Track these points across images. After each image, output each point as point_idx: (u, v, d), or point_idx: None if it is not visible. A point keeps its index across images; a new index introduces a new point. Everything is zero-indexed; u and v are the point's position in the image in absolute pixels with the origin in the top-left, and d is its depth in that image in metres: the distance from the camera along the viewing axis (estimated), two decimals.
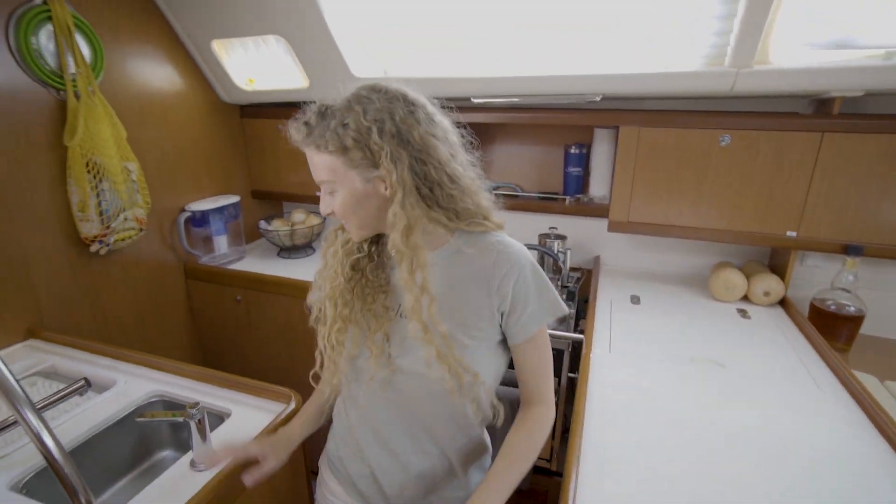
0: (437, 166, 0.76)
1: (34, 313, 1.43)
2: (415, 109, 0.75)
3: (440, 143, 0.77)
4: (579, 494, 0.86)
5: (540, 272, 0.85)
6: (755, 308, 1.64)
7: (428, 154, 0.75)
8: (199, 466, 0.94)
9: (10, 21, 1.30)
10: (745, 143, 1.50)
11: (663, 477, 0.91)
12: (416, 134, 0.74)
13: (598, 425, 1.05)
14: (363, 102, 0.73)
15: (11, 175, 1.34)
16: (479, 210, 0.85)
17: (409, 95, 0.77)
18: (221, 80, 1.97)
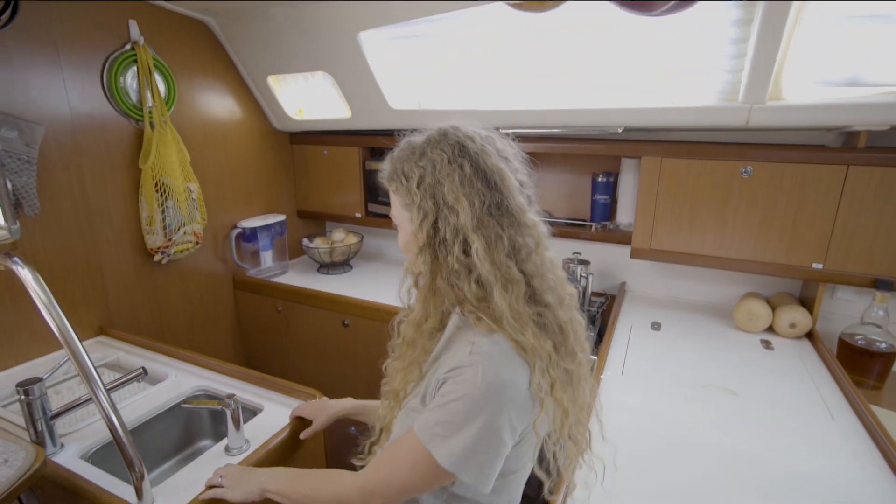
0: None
1: (105, 313, 1.65)
2: (463, 164, 0.68)
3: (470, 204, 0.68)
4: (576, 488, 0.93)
5: (481, 407, 0.64)
6: (780, 340, 1.64)
7: (453, 212, 0.68)
8: (233, 451, 1.07)
9: (105, 63, 1.56)
10: (768, 175, 1.54)
11: (655, 497, 0.96)
12: (447, 191, 0.68)
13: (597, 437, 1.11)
14: (426, 146, 0.72)
15: (97, 192, 1.58)
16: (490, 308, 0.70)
17: (470, 147, 0.69)
18: (275, 111, 2.20)
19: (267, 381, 1.30)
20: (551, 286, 0.71)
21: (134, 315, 1.74)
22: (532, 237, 0.70)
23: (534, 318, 0.68)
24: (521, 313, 0.67)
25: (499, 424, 0.64)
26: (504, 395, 0.65)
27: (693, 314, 1.84)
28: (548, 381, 0.67)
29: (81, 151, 1.52)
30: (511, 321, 0.66)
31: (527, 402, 0.67)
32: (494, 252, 0.67)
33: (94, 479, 0.97)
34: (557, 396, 0.68)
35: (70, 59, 1.47)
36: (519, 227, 0.69)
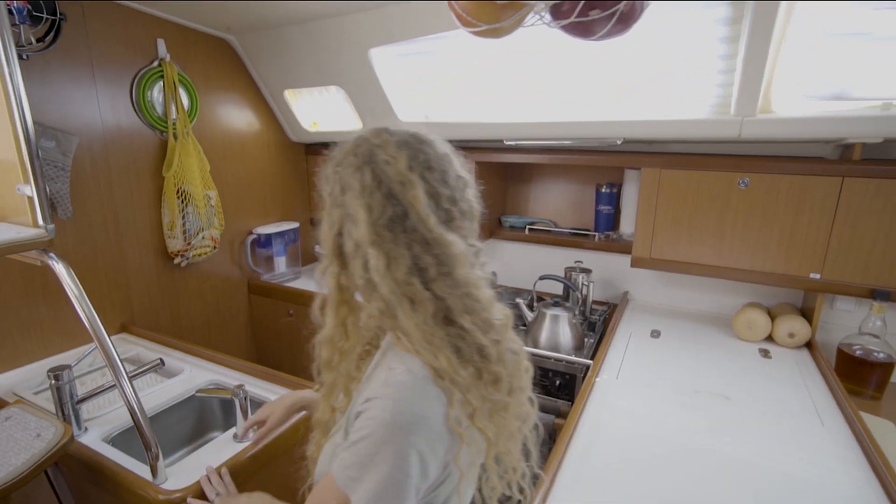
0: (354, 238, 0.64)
1: (128, 312, 1.77)
2: (366, 173, 0.63)
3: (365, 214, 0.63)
4: (552, 495, 0.99)
5: (386, 446, 0.60)
6: (779, 349, 1.67)
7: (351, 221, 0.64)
8: (241, 437, 1.16)
9: (134, 79, 1.70)
10: (765, 186, 1.59)
11: (635, 493, 1.01)
12: (349, 200, 0.64)
13: (586, 441, 1.17)
14: (344, 152, 0.68)
15: (123, 198, 1.71)
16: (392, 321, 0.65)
17: (377, 156, 0.64)
18: (290, 123, 2.33)
19: (272, 376, 1.39)
20: (470, 308, 0.64)
21: (154, 314, 1.86)
22: (446, 255, 0.63)
23: (449, 341, 0.63)
24: (432, 335, 0.62)
25: (407, 464, 0.60)
26: (412, 433, 0.60)
27: (693, 323, 1.88)
28: (468, 412, 0.63)
29: (110, 160, 1.66)
30: (423, 343, 0.62)
31: (442, 436, 0.62)
32: (394, 268, 0.61)
33: (115, 458, 1.07)
34: (480, 426, 0.64)
35: (103, 76, 1.61)
36: (426, 243, 0.62)
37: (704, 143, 1.77)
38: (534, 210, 2.36)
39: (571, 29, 0.54)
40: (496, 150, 2.03)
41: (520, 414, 0.71)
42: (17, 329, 1.48)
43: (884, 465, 1.05)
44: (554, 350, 1.70)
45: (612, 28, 0.52)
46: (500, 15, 0.54)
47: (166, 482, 1.01)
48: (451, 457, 0.64)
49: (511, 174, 2.36)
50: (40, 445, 0.92)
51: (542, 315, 1.75)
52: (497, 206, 2.35)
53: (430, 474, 0.62)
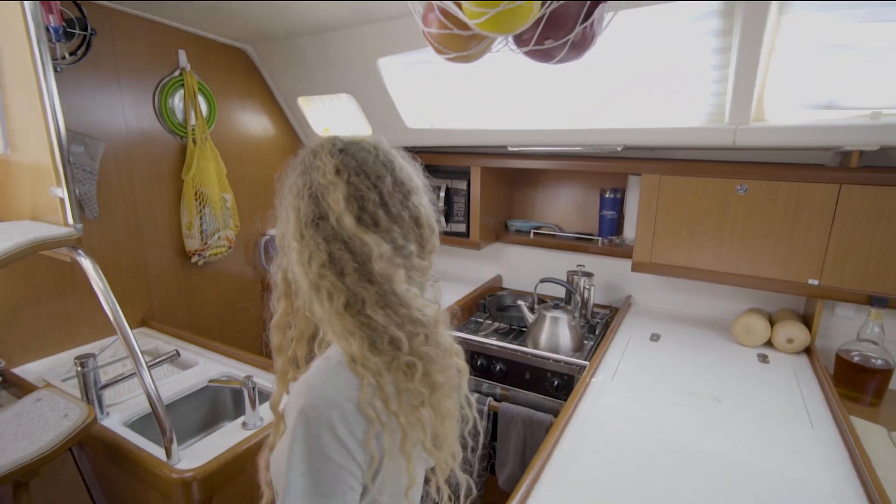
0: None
1: (148, 307, 1.89)
2: (298, 178, 0.72)
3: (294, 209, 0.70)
4: (540, 482, 1.05)
5: (299, 438, 0.64)
6: (777, 354, 1.70)
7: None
8: (248, 426, 1.25)
9: (156, 88, 1.82)
10: (763, 193, 1.62)
11: (619, 489, 1.07)
12: (287, 200, 0.72)
13: (575, 437, 1.22)
14: (299, 159, 0.76)
15: (145, 200, 1.83)
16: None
17: (308, 163, 0.72)
18: (304, 128, 2.44)
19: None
20: (385, 302, 0.68)
21: (172, 310, 1.98)
22: (362, 253, 0.68)
23: (362, 331, 0.67)
24: (343, 324, 0.67)
25: (322, 444, 0.63)
26: (322, 415, 0.64)
27: (694, 327, 1.92)
28: (381, 397, 0.67)
29: (134, 164, 1.78)
30: (337, 330, 0.68)
31: (358, 419, 0.65)
32: (312, 262, 0.68)
33: (134, 440, 1.17)
34: (394, 410, 0.68)
35: (128, 85, 1.73)
36: (343, 241, 0.68)
37: (705, 150, 1.81)
38: (540, 214, 2.42)
39: (533, 55, 0.61)
40: (501, 155, 2.10)
41: (442, 410, 0.73)
42: (48, 321, 1.60)
43: (865, 466, 1.09)
44: (553, 351, 1.76)
45: (566, 54, 0.59)
46: (466, 44, 0.61)
47: (179, 463, 1.10)
48: (375, 438, 0.67)
49: (517, 179, 2.42)
50: (67, 424, 1.02)
51: (542, 317, 1.81)
52: (503, 211, 2.41)
53: (357, 455, 0.65)
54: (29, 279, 1.54)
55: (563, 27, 0.54)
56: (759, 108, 1.41)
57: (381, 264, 0.67)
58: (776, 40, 1.27)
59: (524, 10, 0.50)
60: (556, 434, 1.21)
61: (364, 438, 0.65)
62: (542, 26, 0.55)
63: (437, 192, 2.21)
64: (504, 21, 0.52)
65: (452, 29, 0.58)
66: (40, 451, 0.96)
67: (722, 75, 1.38)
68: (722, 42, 1.32)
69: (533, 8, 0.52)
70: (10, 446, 0.97)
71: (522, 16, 0.51)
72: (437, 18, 0.59)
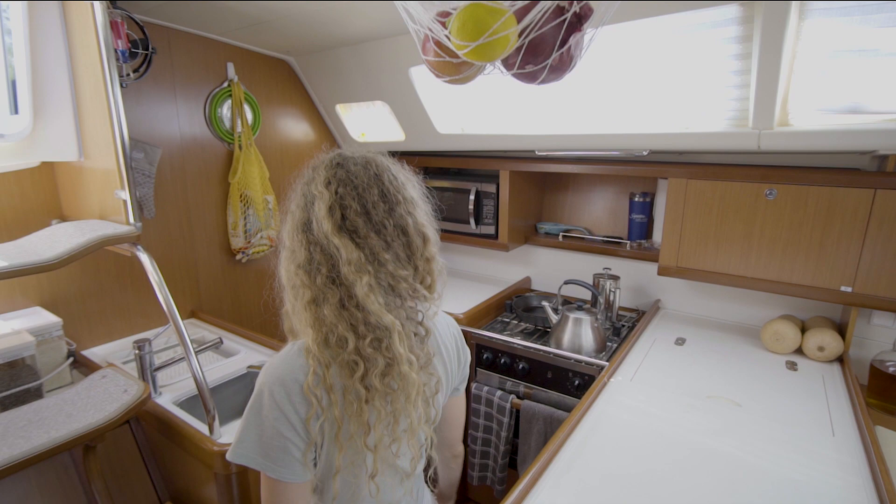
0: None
1: (196, 299, 2.07)
2: (298, 187, 0.84)
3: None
4: (546, 473, 1.12)
5: (254, 408, 0.76)
6: (807, 362, 1.68)
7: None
8: None
9: (207, 98, 2.00)
10: (792, 197, 1.62)
11: (620, 479, 1.12)
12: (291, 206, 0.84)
13: (587, 431, 1.28)
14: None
15: (196, 201, 2.01)
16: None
17: (305, 175, 0.84)
18: (342, 134, 2.59)
19: None
20: (344, 303, 0.75)
21: (218, 302, 2.16)
22: (334, 256, 0.75)
23: (318, 326, 0.75)
24: (305, 317, 0.76)
25: (261, 405, 0.74)
26: (271, 388, 0.73)
27: (722, 333, 1.92)
28: (325, 387, 0.74)
29: (186, 168, 1.97)
30: (300, 321, 0.77)
31: (303, 399, 0.73)
32: (290, 261, 0.79)
33: (182, 417, 1.32)
34: (333, 401, 0.75)
35: (183, 96, 1.92)
36: (321, 246, 0.76)
37: (732, 154, 1.82)
38: (570, 218, 2.46)
39: (518, 77, 0.69)
40: (529, 159, 2.16)
41: (385, 414, 0.78)
42: (111, 310, 1.80)
43: (882, 474, 1.09)
44: (576, 352, 1.81)
45: (547, 76, 0.66)
46: (458, 69, 0.70)
47: (221, 438, 1.24)
48: (316, 421, 0.74)
49: (549, 183, 2.48)
50: (127, 398, 1.18)
51: (565, 318, 1.86)
52: (533, 214, 2.47)
53: (300, 432, 0.74)
54: (96, 273, 1.74)
55: (542, 53, 0.62)
56: (783, 112, 1.42)
57: (347, 269, 0.74)
58: (798, 46, 1.28)
59: (500, 42, 0.59)
60: (566, 428, 1.27)
61: (306, 419, 0.73)
62: (522, 53, 0.63)
63: (466, 195, 2.31)
64: (484, 51, 0.60)
65: (445, 57, 0.67)
66: (105, 419, 1.11)
67: (744, 81, 1.41)
68: (742, 48, 1.34)
69: (509, 39, 0.60)
70: (81, 415, 1.13)
71: (499, 47, 0.59)
72: (432, 48, 0.69)
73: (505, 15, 0.56)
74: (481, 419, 1.95)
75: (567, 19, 0.58)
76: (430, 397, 0.83)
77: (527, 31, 0.59)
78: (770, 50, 1.29)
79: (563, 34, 0.59)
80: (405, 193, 0.82)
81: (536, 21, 0.57)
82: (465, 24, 0.58)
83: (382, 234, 0.78)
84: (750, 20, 1.29)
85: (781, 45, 1.26)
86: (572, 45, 0.62)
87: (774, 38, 1.26)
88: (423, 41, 0.73)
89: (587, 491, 1.08)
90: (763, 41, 1.28)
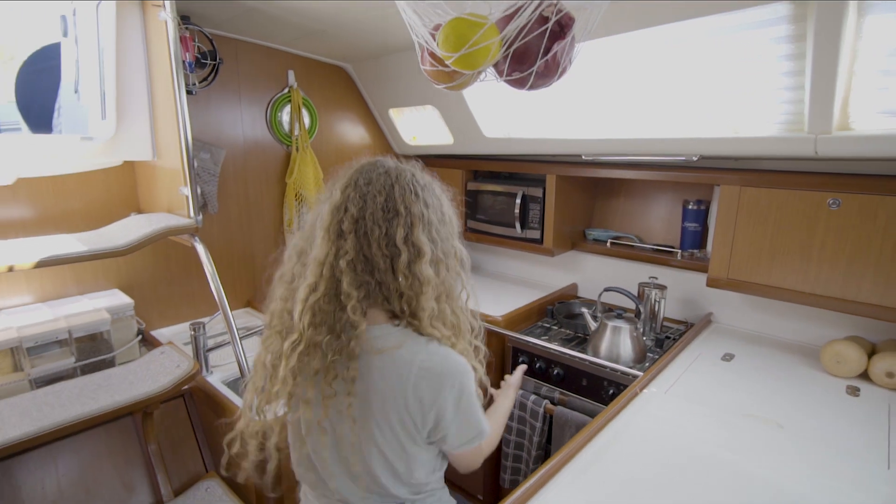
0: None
1: (252, 290, 2.26)
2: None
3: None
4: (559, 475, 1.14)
5: None
6: (872, 388, 1.56)
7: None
8: None
9: (269, 103, 2.18)
10: (860, 207, 1.51)
11: (632, 489, 1.11)
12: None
13: (609, 439, 1.28)
14: None
15: (256, 199, 2.20)
16: None
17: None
18: (394, 137, 2.71)
19: None
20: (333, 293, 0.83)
21: None
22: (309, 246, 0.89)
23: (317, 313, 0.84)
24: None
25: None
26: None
27: (776, 351, 1.82)
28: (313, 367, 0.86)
29: (248, 168, 2.16)
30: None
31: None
32: (294, 247, 0.94)
33: (227, 395, 1.46)
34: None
35: (247, 102, 2.11)
36: (308, 234, 0.92)
37: (790, 160, 1.72)
38: (621, 224, 2.42)
39: (510, 83, 0.73)
40: (575, 164, 2.16)
41: (327, 398, 0.85)
42: (178, 297, 2.01)
43: None
44: (613, 361, 1.79)
45: (535, 82, 0.70)
46: (451, 77, 0.75)
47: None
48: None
49: (600, 189, 2.45)
50: (178, 373, 1.33)
51: (603, 325, 1.84)
52: (582, 219, 2.45)
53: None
54: (167, 262, 1.95)
55: (527, 61, 0.66)
56: (843, 116, 1.34)
57: (313, 264, 0.84)
58: (858, 44, 1.21)
59: (482, 52, 0.63)
60: (585, 433, 1.27)
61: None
62: (508, 61, 0.67)
63: (513, 199, 2.34)
64: (468, 61, 0.65)
65: (438, 66, 0.73)
66: (159, 389, 1.27)
67: (797, 82, 1.34)
68: (795, 48, 1.29)
69: (490, 49, 0.64)
70: (140, 384, 1.30)
71: (481, 57, 0.64)
72: (428, 58, 0.75)
73: (483, 27, 0.61)
74: (514, 422, 1.97)
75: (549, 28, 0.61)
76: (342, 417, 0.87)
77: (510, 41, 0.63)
78: (826, 49, 1.23)
79: (547, 43, 0.63)
80: (414, 208, 0.85)
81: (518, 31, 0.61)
82: (448, 36, 0.63)
83: (365, 240, 0.83)
84: (802, 18, 1.24)
85: (839, 44, 1.20)
86: (558, 53, 0.65)
87: (830, 37, 1.20)
88: (422, 52, 0.79)
89: (597, 495, 1.08)
90: (817, 41, 1.22)
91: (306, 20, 1.79)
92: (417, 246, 0.84)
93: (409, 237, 0.84)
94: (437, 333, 0.88)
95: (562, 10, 0.61)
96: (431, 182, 0.93)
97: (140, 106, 1.55)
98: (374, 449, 0.87)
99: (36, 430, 1.10)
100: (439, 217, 0.90)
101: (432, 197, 0.90)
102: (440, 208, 0.91)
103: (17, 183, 1.53)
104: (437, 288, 0.87)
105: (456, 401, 0.87)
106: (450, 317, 0.91)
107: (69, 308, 1.60)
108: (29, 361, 1.41)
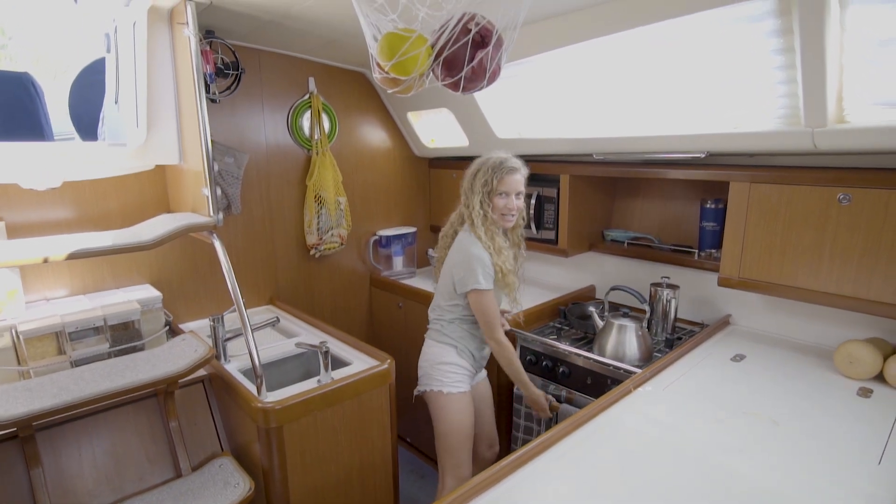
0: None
1: (274, 288, 2.47)
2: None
3: None
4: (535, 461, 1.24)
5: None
6: (886, 390, 1.57)
7: None
8: (321, 382, 1.65)
9: (290, 109, 2.39)
10: (871, 202, 1.53)
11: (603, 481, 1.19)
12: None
13: (592, 431, 1.36)
14: None
15: (277, 201, 2.41)
16: None
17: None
18: (413, 140, 2.87)
19: (357, 343, 1.88)
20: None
21: (293, 292, 2.54)
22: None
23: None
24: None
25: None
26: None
27: (790, 352, 1.83)
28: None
29: (270, 171, 2.37)
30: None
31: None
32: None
33: (242, 381, 1.65)
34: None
35: (270, 108, 2.33)
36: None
37: (801, 156, 1.75)
38: (640, 225, 2.47)
39: (446, 86, 0.86)
40: (587, 163, 2.24)
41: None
42: (204, 292, 2.24)
43: None
44: (619, 360, 1.86)
45: (466, 86, 0.83)
46: (396, 83, 0.90)
47: (266, 397, 1.54)
48: None
49: (619, 189, 2.51)
50: (195, 356, 1.53)
51: (609, 324, 1.92)
52: (599, 220, 2.52)
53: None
54: (194, 259, 2.18)
55: (455, 68, 0.79)
56: (838, 108, 1.38)
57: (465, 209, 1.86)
58: (844, 37, 1.27)
59: (411, 61, 0.77)
60: (568, 422, 1.36)
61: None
62: (440, 68, 0.80)
63: (527, 200, 2.44)
64: (401, 68, 0.79)
65: (384, 73, 0.87)
66: (177, 370, 1.47)
67: (790, 76, 1.40)
68: (784, 42, 1.35)
69: (419, 58, 0.78)
70: (162, 365, 1.50)
71: (411, 65, 0.78)
72: (377, 68, 0.89)
73: (409, 39, 0.75)
74: (521, 419, 2.07)
75: (470, 39, 0.74)
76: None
77: (439, 50, 0.76)
78: (812, 42, 1.28)
79: (471, 52, 0.75)
80: (476, 180, 1.82)
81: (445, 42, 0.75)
82: (383, 48, 0.78)
83: (468, 203, 1.84)
84: (788, 12, 1.30)
85: (823, 37, 1.26)
86: (483, 59, 0.78)
87: (815, 29, 1.26)
88: (374, 62, 0.94)
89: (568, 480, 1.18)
90: (803, 34, 1.29)
91: (325, 30, 1.98)
92: (471, 199, 1.84)
93: (473, 194, 1.83)
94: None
95: (479, 22, 0.74)
96: (490, 165, 1.84)
97: (168, 114, 1.77)
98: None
99: (73, 400, 1.32)
100: (474, 184, 1.85)
101: (482, 173, 1.84)
102: (480, 180, 1.84)
103: (63, 186, 1.79)
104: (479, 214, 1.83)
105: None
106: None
107: (105, 299, 1.84)
108: (70, 345, 1.65)
